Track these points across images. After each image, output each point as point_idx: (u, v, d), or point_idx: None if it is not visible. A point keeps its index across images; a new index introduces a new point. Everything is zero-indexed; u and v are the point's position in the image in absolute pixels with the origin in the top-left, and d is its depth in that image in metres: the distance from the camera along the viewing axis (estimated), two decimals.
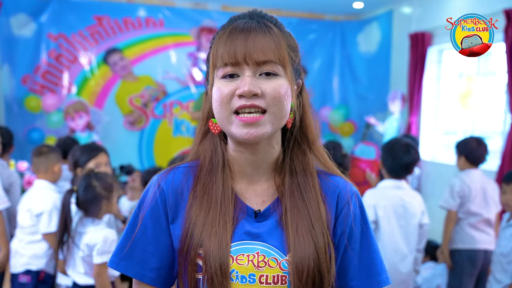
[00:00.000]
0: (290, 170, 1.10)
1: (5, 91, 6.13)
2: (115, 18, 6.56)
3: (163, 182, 1.09)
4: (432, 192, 5.54)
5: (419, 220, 2.93)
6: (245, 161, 1.08)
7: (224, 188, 1.06)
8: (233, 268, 1.00)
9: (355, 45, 7.26)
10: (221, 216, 1.03)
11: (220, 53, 1.01)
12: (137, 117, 6.74)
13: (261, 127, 1.00)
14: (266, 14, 1.09)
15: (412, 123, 5.83)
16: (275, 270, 1.02)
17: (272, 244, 1.03)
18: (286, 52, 1.03)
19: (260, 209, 1.07)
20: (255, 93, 0.98)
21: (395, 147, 2.93)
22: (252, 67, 1.00)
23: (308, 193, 1.08)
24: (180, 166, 1.13)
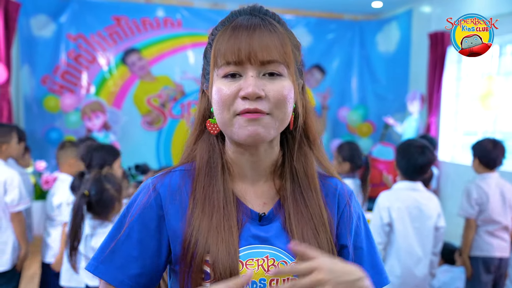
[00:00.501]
0: (291, 173, 1.07)
1: (25, 91, 6.20)
2: (134, 19, 6.60)
3: (159, 185, 1.04)
4: (451, 193, 5.46)
5: (435, 223, 2.87)
6: (245, 162, 1.05)
7: (225, 191, 1.02)
8: (243, 274, 0.95)
9: (374, 45, 7.20)
10: (226, 220, 0.98)
11: (222, 50, 0.96)
12: (155, 117, 6.77)
13: (264, 127, 0.96)
14: (268, 11, 1.04)
15: (431, 124, 5.75)
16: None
17: (280, 247, 1.01)
18: (291, 51, 0.99)
19: (262, 211, 1.04)
20: (259, 95, 0.95)
21: (409, 149, 2.87)
22: (256, 67, 0.95)
23: (311, 198, 1.05)
24: (177, 169, 1.08)
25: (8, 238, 3.14)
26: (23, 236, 3.19)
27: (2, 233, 3.13)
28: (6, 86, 5.10)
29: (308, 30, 7.12)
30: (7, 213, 3.14)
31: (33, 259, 5.08)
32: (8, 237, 3.14)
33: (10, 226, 3.16)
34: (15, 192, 3.12)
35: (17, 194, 3.12)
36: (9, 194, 3.11)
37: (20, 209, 3.16)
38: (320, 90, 7.10)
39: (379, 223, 2.85)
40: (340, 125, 7.14)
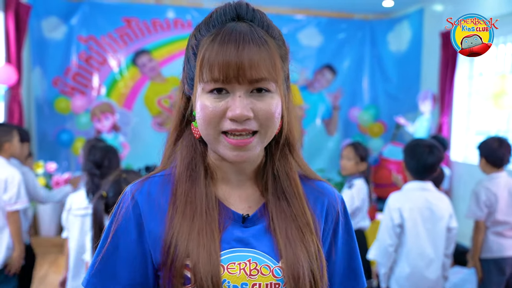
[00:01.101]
0: (272, 174, 1.04)
1: (37, 93, 6.24)
2: (144, 20, 6.61)
3: (137, 194, 1.02)
4: (463, 194, 5.39)
5: (447, 224, 2.83)
6: (228, 168, 1.04)
7: (208, 195, 1.00)
8: (224, 278, 0.95)
9: (385, 44, 7.14)
10: (207, 225, 0.97)
11: (209, 65, 0.92)
12: (165, 118, 6.77)
13: (251, 151, 0.96)
14: (255, 12, 0.99)
15: (443, 123, 5.69)
16: (268, 277, 0.97)
17: (263, 251, 0.99)
18: (280, 66, 0.96)
19: (245, 213, 1.02)
20: (247, 117, 0.92)
21: (417, 148, 2.84)
22: (245, 86, 0.92)
23: (293, 199, 1.03)
24: (156, 175, 1.06)
25: (2, 237, 3.14)
26: (18, 236, 3.19)
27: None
28: (17, 88, 5.13)
29: (319, 30, 7.09)
30: (4, 212, 3.15)
31: (44, 259, 5.11)
32: (3, 236, 3.14)
33: (6, 225, 3.16)
34: (14, 191, 3.13)
35: (15, 193, 3.13)
36: (8, 192, 3.13)
37: (17, 208, 3.16)
38: (331, 90, 7.07)
39: (390, 225, 2.82)
40: (351, 125, 7.09)
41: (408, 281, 2.81)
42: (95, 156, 2.99)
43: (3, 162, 3.20)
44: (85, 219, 2.91)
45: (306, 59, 6.97)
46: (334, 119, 7.06)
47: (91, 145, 3.21)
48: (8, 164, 3.22)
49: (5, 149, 3.23)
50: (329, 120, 7.12)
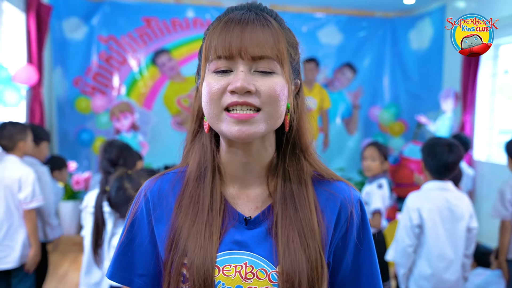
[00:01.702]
0: (283, 175, 1.02)
1: (58, 93, 6.30)
2: (164, 19, 6.64)
3: (148, 191, 1.05)
4: (487, 194, 5.30)
5: (467, 224, 2.77)
6: (237, 163, 1.01)
7: (213, 195, 1.00)
8: (219, 280, 0.95)
9: (407, 42, 7.06)
10: (208, 226, 0.97)
11: (213, 45, 0.93)
12: (185, 118, 6.78)
13: (254, 125, 0.93)
14: (266, 7, 1.01)
15: (465, 122, 5.59)
16: (264, 282, 0.95)
17: (260, 254, 0.97)
18: (285, 48, 0.96)
19: (252, 215, 1.01)
20: (248, 90, 0.91)
21: (437, 147, 2.78)
22: (247, 62, 0.92)
23: (302, 202, 1.00)
24: (170, 172, 1.08)
25: (18, 235, 3.17)
26: (34, 234, 3.20)
27: (13, 230, 3.16)
28: (38, 88, 5.18)
29: (339, 28, 7.03)
30: (20, 211, 3.17)
31: (65, 257, 5.16)
32: (18, 235, 3.17)
33: (22, 223, 3.18)
34: (29, 189, 3.15)
35: (31, 192, 3.15)
36: (23, 191, 3.15)
37: (33, 206, 3.18)
38: (351, 89, 7.00)
39: (408, 225, 2.77)
40: (372, 124, 7.02)
41: (427, 282, 2.75)
42: (110, 155, 3.01)
43: (17, 161, 3.23)
44: None
45: (326, 58, 6.92)
46: (354, 118, 7.00)
47: (107, 144, 3.22)
48: (21, 162, 3.24)
49: (19, 147, 3.25)
50: (349, 119, 7.06)
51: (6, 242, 3.13)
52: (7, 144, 3.23)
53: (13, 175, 3.15)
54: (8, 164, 3.20)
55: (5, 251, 3.13)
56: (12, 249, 3.15)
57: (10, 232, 3.15)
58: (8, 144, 3.23)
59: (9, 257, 3.14)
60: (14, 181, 3.14)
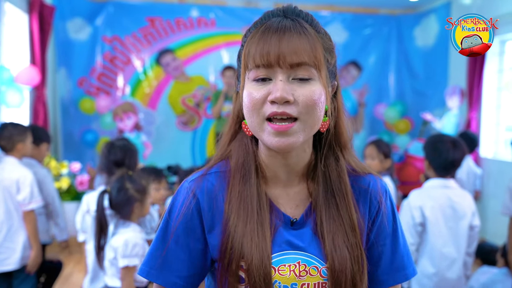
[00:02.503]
0: (324, 176, 1.07)
1: (62, 94, 6.31)
2: (168, 19, 6.63)
3: (198, 191, 1.06)
4: (494, 192, 5.24)
5: (470, 222, 2.73)
6: (278, 165, 1.06)
7: (260, 195, 1.04)
8: (275, 279, 1.00)
9: (412, 39, 7.01)
10: (259, 225, 1.01)
11: (252, 53, 0.97)
12: (189, 117, 6.78)
13: (293, 136, 0.97)
14: (302, 11, 1.05)
15: (471, 119, 5.54)
16: (316, 278, 1.02)
17: (311, 253, 1.03)
18: (322, 54, 0.99)
19: (294, 213, 1.06)
20: (287, 100, 0.95)
21: (441, 144, 2.74)
22: (286, 70, 0.96)
23: (342, 202, 1.06)
24: (212, 171, 1.09)
25: (19, 237, 3.16)
26: (34, 235, 3.20)
27: (13, 232, 3.16)
28: (41, 88, 5.19)
29: (344, 26, 7.00)
30: (20, 212, 3.17)
31: (69, 259, 5.15)
32: (19, 236, 3.16)
33: (22, 225, 3.18)
34: (27, 191, 3.14)
35: (29, 193, 3.14)
36: (21, 192, 3.14)
37: (32, 207, 3.17)
38: (356, 87, 6.96)
39: (411, 223, 2.74)
40: (377, 122, 6.98)
41: (430, 280, 2.72)
42: (116, 156, 2.99)
43: (15, 162, 3.22)
44: None
45: None
46: (360, 116, 6.95)
47: (110, 144, 3.20)
48: (20, 164, 3.24)
49: (18, 149, 3.24)
50: (355, 117, 7.01)
51: (7, 244, 3.13)
52: (6, 145, 3.23)
53: (11, 176, 3.15)
54: (6, 166, 3.20)
55: (6, 253, 3.13)
56: (13, 250, 3.14)
57: (10, 234, 3.14)
58: (7, 145, 3.23)
59: (10, 259, 3.14)
60: (12, 183, 3.14)
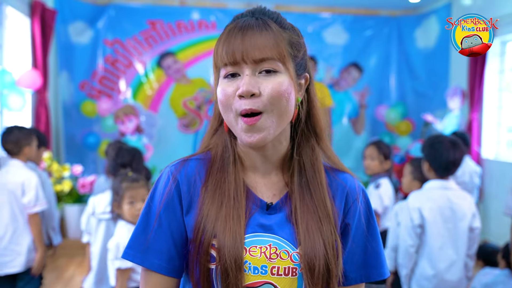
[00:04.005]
0: (299, 166, 1.11)
1: (64, 97, 6.33)
2: (169, 22, 6.64)
3: (178, 175, 1.10)
4: (496, 193, 5.24)
5: (469, 223, 2.73)
6: (254, 156, 1.11)
7: (237, 182, 1.08)
8: (246, 260, 1.02)
9: (413, 41, 7.01)
10: (235, 210, 1.05)
11: (219, 53, 1.03)
12: (191, 120, 6.78)
13: (263, 131, 1.02)
14: (269, 10, 1.09)
15: (473, 120, 5.54)
16: (286, 262, 1.04)
17: (283, 237, 1.06)
18: (285, 47, 1.04)
19: (270, 200, 1.09)
20: (253, 93, 1.00)
21: (441, 145, 2.73)
22: (251, 66, 1.01)
23: (317, 191, 1.10)
24: (192, 158, 1.14)
25: (24, 239, 3.17)
26: (39, 238, 3.21)
27: (18, 235, 3.17)
28: (43, 92, 5.20)
29: (344, 28, 7.00)
30: (24, 215, 3.18)
31: (71, 261, 5.17)
32: (24, 239, 3.17)
33: (27, 227, 3.19)
34: (32, 193, 3.16)
35: (34, 196, 3.16)
36: (27, 195, 3.15)
37: (37, 210, 3.19)
38: (357, 89, 6.96)
39: (410, 225, 2.74)
40: (379, 124, 6.98)
41: (429, 282, 2.72)
42: (123, 158, 3.01)
43: (21, 165, 3.23)
44: (110, 223, 2.90)
45: (331, 57, 6.89)
46: (361, 117, 6.96)
47: (118, 148, 3.22)
48: (25, 167, 3.25)
49: (24, 153, 3.26)
50: (356, 119, 7.02)
51: (12, 246, 3.15)
52: (13, 148, 3.25)
53: (16, 179, 3.16)
54: (12, 169, 3.22)
55: (11, 255, 3.15)
56: (18, 253, 3.16)
57: (15, 236, 3.16)
58: (14, 149, 3.25)
59: (15, 261, 3.16)
60: (17, 186, 3.15)
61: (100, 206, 2.95)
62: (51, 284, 4.45)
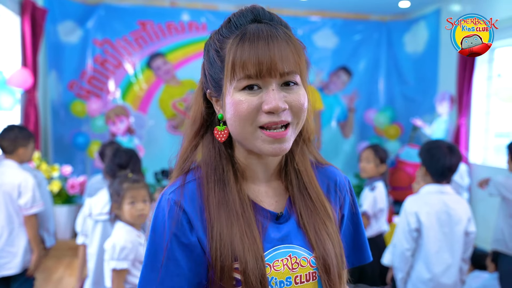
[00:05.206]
0: (294, 171, 1.11)
1: (52, 97, 6.26)
2: (159, 23, 6.62)
3: (182, 201, 1.02)
4: (482, 197, 5.30)
5: (465, 228, 2.77)
6: (256, 166, 1.08)
7: (241, 197, 1.04)
8: (272, 276, 1.01)
9: (402, 46, 7.07)
10: (247, 227, 1.01)
11: (241, 62, 0.95)
12: (180, 121, 6.76)
13: (287, 143, 1.00)
14: (271, 14, 1.03)
15: (461, 125, 5.60)
16: (306, 268, 1.04)
17: (299, 244, 1.06)
18: (304, 60, 1.02)
19: (275, 209, 1.08)
20: (283, 109, 0.97)
21: (438, 150, 2.77)
22: (276, 79, 0.97)
23: (313, 193, 1.10)
24: (189, 180, 1.06)
25: (19, 241, 3.14)
26: (35, 239, 3.18)
27: (14, 236, 3.14)
28: (32, 91, 5.15)
29: (334, 32, 7.04)
30: (20, 216, 3.15)
31: (60, 262, 5.12)
32: (20, 240, 3.14)
33: (22, 229, 3.16)
34: (29, 195, 3.13)
35: (31, 197, 3.13)
36: (23, 197, 3.12)
37: (33, 212, 3.16)
38: (346, 92, 7.00)
39: (406, 229, 2.76)
40: (367, 128, 7.03)
41: (425, 286, 2.75)
42: (121, 159, 3.00)
43: (16, 166, 3.20)
44: (107, 224, 2.89)
45: (321, 61, 6.92)
46: (350, 121, 7.00)
47: (115, 149, 3.20)
48: (20, 168, 3.21)
49: (18, 153, 3.22)
50: (345, 122, 7.06)
51: (7, 248, 3.12)
52: (8, 146, 3.21)
53: (12, 180, 3.13)
54: (7, 170, 3.18)
55: (7, 257, 3.12)
56: (14, 255, 3.13)
57: (11, 238, 3.13)
58: (9, 147, 3.21)
59: (11, 263, 3.13)
60: (13, 187, 3.12)
61: (96, 208, 2.93)
62: (40, 285, 4.40)
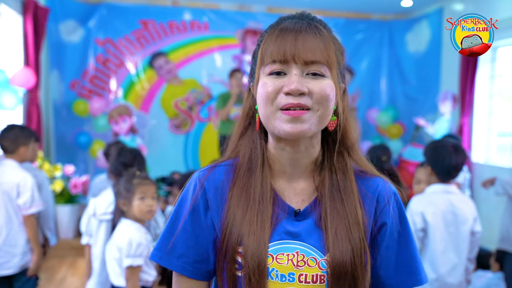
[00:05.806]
0: (330, 172, 1.11)
1: (54, 96, 6.26)
2: (161, 22, 6.62)
3: (205, 182, 1.11)
4: (485, 196, 5.29)
5: (471, 227, 2.76)
6: (285, 159, 1.09)
7: (263, 186, 1.07)
8: (273, 267, 1.03)
9: (404, 45, 7.07)
10: (259, 214, 1.04)
11: (269, 50, 1.03)
12: (182, 121, 6.77)
13: (305, 123, 1.01)
14: (315, 17, 1.10)
15: (463, 124, 5.60)
16: (314, 269, 1.03)
17: (311, 244, 1.05)
18: (334, 54, 1.04)
19: (299, 207, 1.08)
20: (302, 92, 1.00)
21: (444, 149, 2.76)
22: (300, 66, 1.01)
23: (348, 197, 1.08)
24: (221, 164, 1.14)
25: (19, 240, 3.13)
26: (35, 239, 3.17)
27: (13, 236, 3.12)
28: (35, 91, 5.14)
29: (336, 31, 6.91)
30: (19, 216, 3.14)
31: (62, 262, 5.12)
32: (19, 240, 3.13)
33: (22, 229, 3.15)
34: (28, 195, 3.11)
35: (30, 197, 3.11)
36: (22, 196, 3.11)
37: (33, 211, 3.14)
38: (348, 92, 6.97)
39: (412, 229, 2.75)
40: (370, 127, 7.02)
41: (431, 285, 2.74)
42: (125, 158, 3.00)
43: (15, 165, 3.18)
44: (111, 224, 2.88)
45: None
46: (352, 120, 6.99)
47: (120, 148, 3.20)
48: (20, 167, 3.20)
49: (19, 153, 3.21)
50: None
51: (6, 248, 3.10)
52: (9, 146, 3.19)
53: (11, 180, 3.11)
54: (6, 169, 3.16)
55: (6, 257, 3.10)
56: (13, 255, 3.11)
57: (10, 237, 3.11)
58: (10, 147, 3.19)
59: (10, 263, 3.11)
60: (12, 187, 3.10)
61: (101, 207, 2.93)
62: (42, 285, 4.39)
